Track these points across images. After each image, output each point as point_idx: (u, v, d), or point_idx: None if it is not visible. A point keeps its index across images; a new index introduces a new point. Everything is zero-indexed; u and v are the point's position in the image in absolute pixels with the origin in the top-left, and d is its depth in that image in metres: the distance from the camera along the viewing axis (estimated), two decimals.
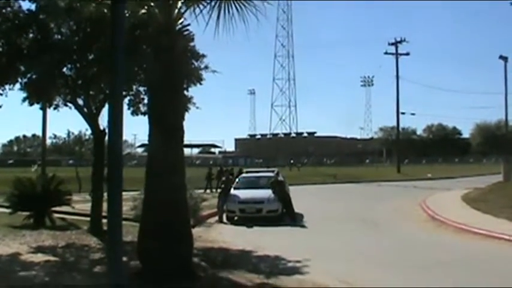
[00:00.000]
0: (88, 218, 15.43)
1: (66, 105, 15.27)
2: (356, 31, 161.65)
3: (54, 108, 15.47)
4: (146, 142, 9.90)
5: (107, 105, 14.12)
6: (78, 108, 14.91)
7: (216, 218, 19.70)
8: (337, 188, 38.88)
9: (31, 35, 13.31)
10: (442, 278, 9.85)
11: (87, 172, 16.98)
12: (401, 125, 78.45)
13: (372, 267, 10.91)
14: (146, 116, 9.78)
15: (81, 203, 20.98)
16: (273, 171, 22.66)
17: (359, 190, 36.45)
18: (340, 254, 12.57)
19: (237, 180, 22.18)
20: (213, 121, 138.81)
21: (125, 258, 10.00)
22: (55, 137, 47.91)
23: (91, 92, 14.90)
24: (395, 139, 75.12)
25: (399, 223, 18.35)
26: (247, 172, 24.42)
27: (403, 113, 66.05)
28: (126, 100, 15.09)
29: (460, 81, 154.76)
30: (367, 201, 26.38)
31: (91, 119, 15.03)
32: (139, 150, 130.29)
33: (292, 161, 76.67)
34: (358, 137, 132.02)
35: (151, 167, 9.32)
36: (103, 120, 15.99)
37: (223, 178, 20.90)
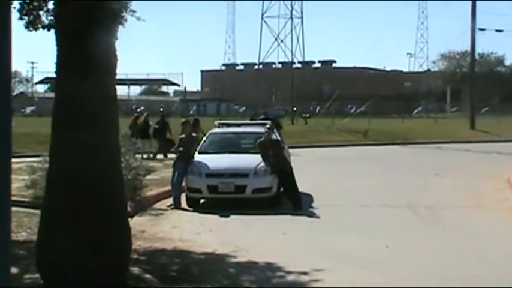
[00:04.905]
0: None
1: None
2: None
3: None
4: (52, 75, 9.80)
5: None
6: None
7: (170, 200, 19.76)
8: (369, 152, 39.09)
9: None
10: None
11: None
12: (478, 50, 78.65)
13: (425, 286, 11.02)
14: (52, 32, 9.63)
15: None
16: (263, 125, 22.62)
17: (405, 156, 36.67)
18: (372, 261, 12.69)
19: (204, 138, 22.14)
20: (166, 43, 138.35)
21: (14, 270, 10.09)
22: None
23: None
24: (468, 73, 75.21)
25: (472, 212, 18.57)
26: (220, 125, 24.36)
27: (482, 29, 66.12)
28: (15, 3, 14.84)
29: None
30: (418, 176, 26.62)
31: None
32: (41, 88, 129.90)
33: (295, 109, 76.77)
34: (405, 69, 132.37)
35: (62, 116, 9.24)
36: None
37: (182, 136, 20.81)
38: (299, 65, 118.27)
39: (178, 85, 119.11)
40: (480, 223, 17.09)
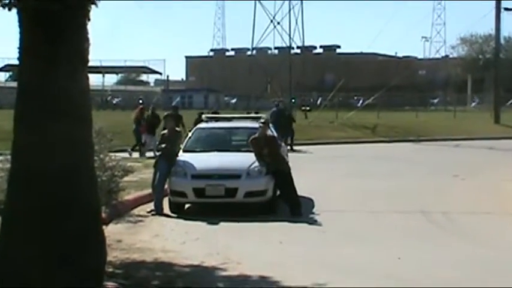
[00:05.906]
0: None
1: None
2: None
3: None
4: (15, 62, 9.77)
5: None
6: None
7: (151, 205, 19.75)
8: (378, 150, 39.07)
9: None
10: None
11: None
12: (503, 33, 78.54)
13: None
14: (14, 12, 9.60)
15: None
16: (258, 119, 22.63)
17: (420, 155, 36.64)
18: (381, 275, 12.67)
19: (189, 134, 22.13)
20: (146, 25, 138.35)
21: None
22: None
23: None
24: (492, 59, 75.18)
25: (496, 219, 18.57)
26: (208, 119, 24.38)
27: (508, 9, 65.94)
28: None
29: None
30: (434, 177, 26.69)
31: None
32: (1, 76, 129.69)
33: (293, 100, 76.74)
34: (420, 55, 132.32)
35: (26, 109, 9.23)
36: None
37: (164, 132, 20.79)
38: (298, 51, 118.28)
39: (160, 73, 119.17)
40: (506, 232, 17.08)
